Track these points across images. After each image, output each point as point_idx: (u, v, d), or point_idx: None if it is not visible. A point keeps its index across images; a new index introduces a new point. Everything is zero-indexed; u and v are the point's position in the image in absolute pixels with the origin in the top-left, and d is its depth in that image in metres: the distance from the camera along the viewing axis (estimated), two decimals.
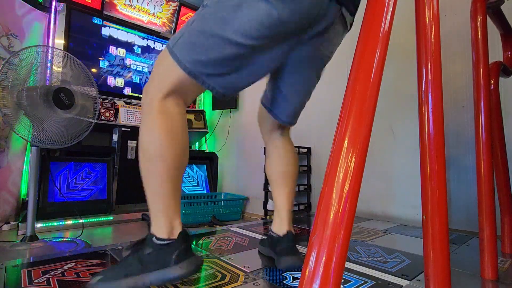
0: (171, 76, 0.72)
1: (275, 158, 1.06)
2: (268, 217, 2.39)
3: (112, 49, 2.83)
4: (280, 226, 0.98)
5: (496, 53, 1.33)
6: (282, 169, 1.03)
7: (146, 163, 0.73)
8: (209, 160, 3.11)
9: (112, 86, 2.79)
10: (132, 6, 2.94)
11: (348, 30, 0.89)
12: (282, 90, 0.95)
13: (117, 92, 2.79)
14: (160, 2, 3.09)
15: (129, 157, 2.53)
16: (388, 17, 0.43)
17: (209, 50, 0.69)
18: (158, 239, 0.71)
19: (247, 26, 0.66)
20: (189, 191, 2.85)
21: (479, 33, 0.91)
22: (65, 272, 0.88)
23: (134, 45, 2.98)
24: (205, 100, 3.52)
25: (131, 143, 2.54)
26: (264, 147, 2.46)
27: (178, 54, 0.71)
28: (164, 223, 0.71)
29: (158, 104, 0.71)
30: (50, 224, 2.02)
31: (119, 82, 2.85)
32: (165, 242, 0.70)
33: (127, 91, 2.88)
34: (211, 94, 3.51)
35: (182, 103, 0.75)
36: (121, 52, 2.88)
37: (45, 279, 0.83)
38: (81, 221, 2.03)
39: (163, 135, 0.70)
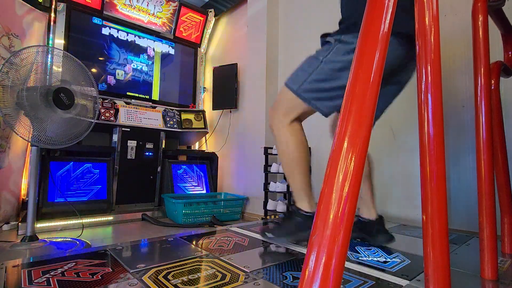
0: (297, 107, 1.08)
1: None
2: (268, 217, 2.39)
3: (112, 49, 2.83)
4: (369, 212, 1.30)
5: (496, 53, 1.33)
6: (371, 170, 1.37)
7: (287, 165, 1.13)
8: (209, 160, 3.11)
9: (112, 86, 2.79)
10: (132, 6, 2.94)
11: None
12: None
13: (117, 92, 2.80)
14: (160, 2, 3.09)
15: (129, 157, 2.53)
16: (388, 17, 0.43)
17: (327, 91, 1.04)
18: (304, 211, 1.12)
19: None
20: (189, 191, 2.85)
21: (480, 33, 0.91)
22: (65, 272, 0.88)
23: (134, 45, 2.98)
24: (205, 100, 3.52)
25: (131, 143, 2.54)
26: (265, 147, 2.46)
27: (303, 94, 1.05)
28: (307, 201, 1.13)
29: (288, 126, 1.10)
30: (50, 224, 2.03)
31: (119, 82, 2.85)
32: (309, 213, 1.11)
33: (127, 91, 2.88)
34: (211, 94, 3.51)
35: (300, 123, 1.14)
36: (121, 52, 2.88)
37: (45, 279, 0.83)
38: (81, 221, 2.04)
39: (295, 146, 1.09)
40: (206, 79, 3.54)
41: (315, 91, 1.04)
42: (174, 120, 2.93)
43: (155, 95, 3.07)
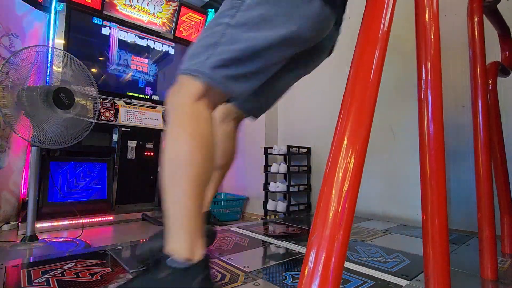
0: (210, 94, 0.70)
1: (226, 148, 1.02)
2: (268, 217, 2.38)
3: (112, 49, 2.83)
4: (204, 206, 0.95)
5: (496, 53, 1.33)
6: (229, 162, 1.03)
7: (172, 171, 0.65)
8: None
9: (112, 86, 2.79)
10: (132, 6, 2.94)
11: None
12: (275, 89, 0.98)
13: (117, 92, 2.79)
14: (160, 2, 3.09)
15: (129, 157, 2.53)
16: (388, 16, 0.43)
17: (245, 66, 0.72)
18: (177, 261, 0.60)
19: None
20: None
21: (476, 33, 0.91)
22: (64, 272, 0.88)
23: (134, 45, 2.98)
24: None
25: (131, 143, 2.54)
26: (265, 147, 2.46)
27: (212, 73, 0.69)
28: (185, 242, 0.62)
29: (195, 106, 0.68)
30: (50, 224, 2.02)
31: (119, 82, 2.85)
32: (186, 265, 0.61)
33: (127, 91, 2.88)
34: None
35: (211, 108, 0.72)
36: (121, 52, 2.88)
37: (45, 279, 0.83)
38: (81, 221, 2.03)
39: (194, 140, 0.65)
40: None
41: (230, 67, 0.69)
42: None
43: (155, 95, 3.07)
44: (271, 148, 2.40)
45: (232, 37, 0.69)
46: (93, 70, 2.68)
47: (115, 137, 2.52)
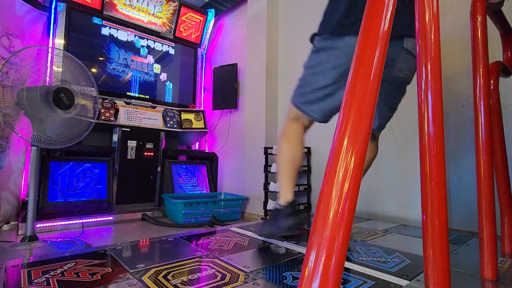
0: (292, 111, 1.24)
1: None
2: (268, 217, 2.38)
3: (112, 49, 2.83)
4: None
5: (496, 53, 1.33)
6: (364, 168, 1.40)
7: (279, 159, 1.25)
8: (209, 160, 3.11)
9: (112, 86, 2.79)
10: (132, 6, 2.94)
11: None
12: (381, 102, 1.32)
13: (117, 92, 2.80)
14: (160, 2, 3.09)
15: (129, 157, 2.53)
16: (388, 16, 0.43)
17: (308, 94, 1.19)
18: (280, 205, 1.21)
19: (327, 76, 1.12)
20: (189, 191, 2.85)
21: (479, 33, 0.91)
22: (64, 272, 0.88)
23: (134, 45, 2.98)
24: (205, 100, 3.52)
25: (131, 143, 2.55)
26: (265, 147, 2.45)
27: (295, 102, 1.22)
28: (283, 195, 1.21)
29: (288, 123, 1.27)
30: (50, 224, 2.02)
31: (119, 82, 2.85)
32: (283, 206, 1.19)
33: (127, 91, 2.88)
34: (211, 94, 3.49)
35: (301, 125, 1.24)
36: (121, 52, 2.88)
37: (45, 279, 0.83)
38: (81, 221, 2.03)
39: (287, 142, 1.24)
40: (206, 79, 3.54)
41: (302, 96, 1.18)
42: (174, 120, 2.93)
43: (155, 95, 3.07)
44: (271, 148, 2.40)
45: (303, 76, 1.19)
46: (93, 70, 2.69)
47: (115, 137, 2.52)
